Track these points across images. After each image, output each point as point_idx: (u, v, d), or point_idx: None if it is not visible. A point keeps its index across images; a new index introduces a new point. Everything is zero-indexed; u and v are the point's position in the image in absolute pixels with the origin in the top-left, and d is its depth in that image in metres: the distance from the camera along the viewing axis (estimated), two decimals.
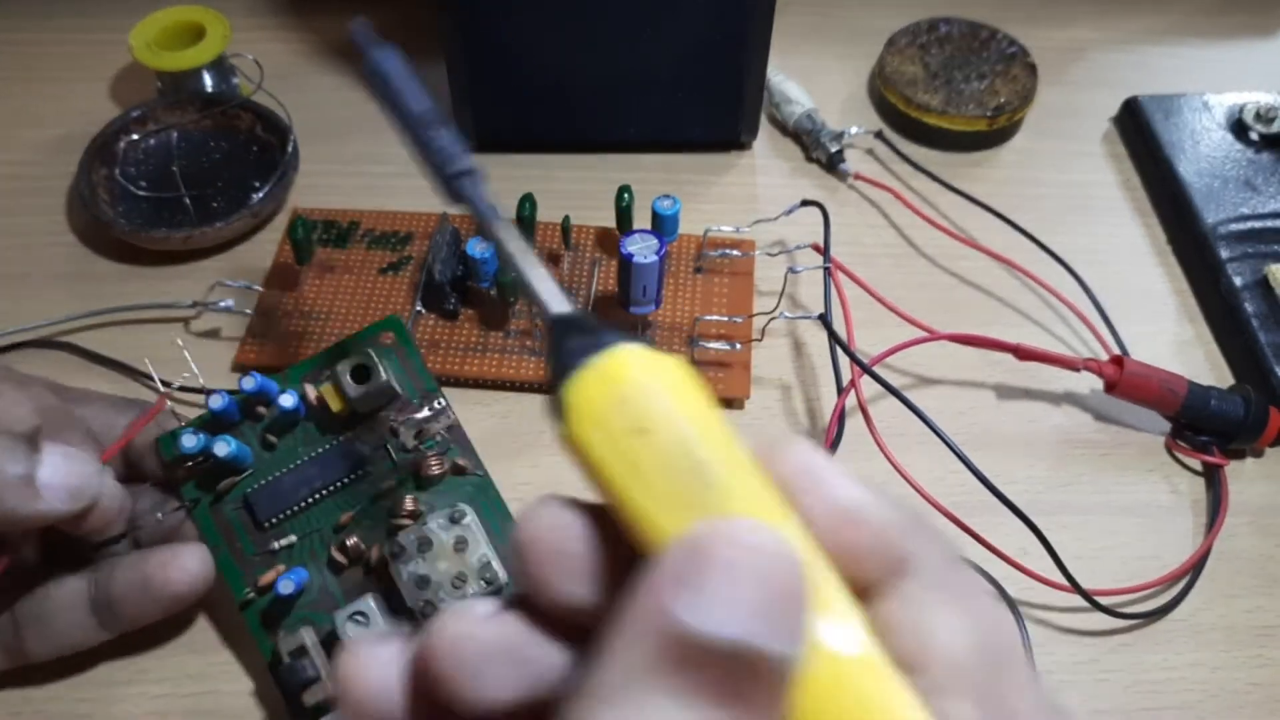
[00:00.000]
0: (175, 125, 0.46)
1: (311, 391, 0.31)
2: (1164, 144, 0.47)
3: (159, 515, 0.30)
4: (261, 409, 0.32)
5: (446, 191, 0.20)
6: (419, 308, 0.40)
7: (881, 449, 0.35)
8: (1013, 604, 0.34)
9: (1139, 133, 0.49)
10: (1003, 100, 0.48)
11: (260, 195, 0.43)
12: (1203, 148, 0.47)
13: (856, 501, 0.15)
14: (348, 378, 0.31)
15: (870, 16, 0.54)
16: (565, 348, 0.16)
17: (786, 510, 0.15)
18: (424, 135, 0.21)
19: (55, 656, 0.30)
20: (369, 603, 0.30)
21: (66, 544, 0.30)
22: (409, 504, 0.31)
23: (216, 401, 0.30)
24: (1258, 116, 0.47)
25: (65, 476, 0.27)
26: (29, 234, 0.44)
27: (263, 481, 0.31)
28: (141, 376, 0.39)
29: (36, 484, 0.26)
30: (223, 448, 0.30)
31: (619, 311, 0.39)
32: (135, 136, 0.45)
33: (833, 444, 0.34)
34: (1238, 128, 0.48)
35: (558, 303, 0.17)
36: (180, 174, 0.45)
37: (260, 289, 0.40)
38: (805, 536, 0.15)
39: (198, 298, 0.40)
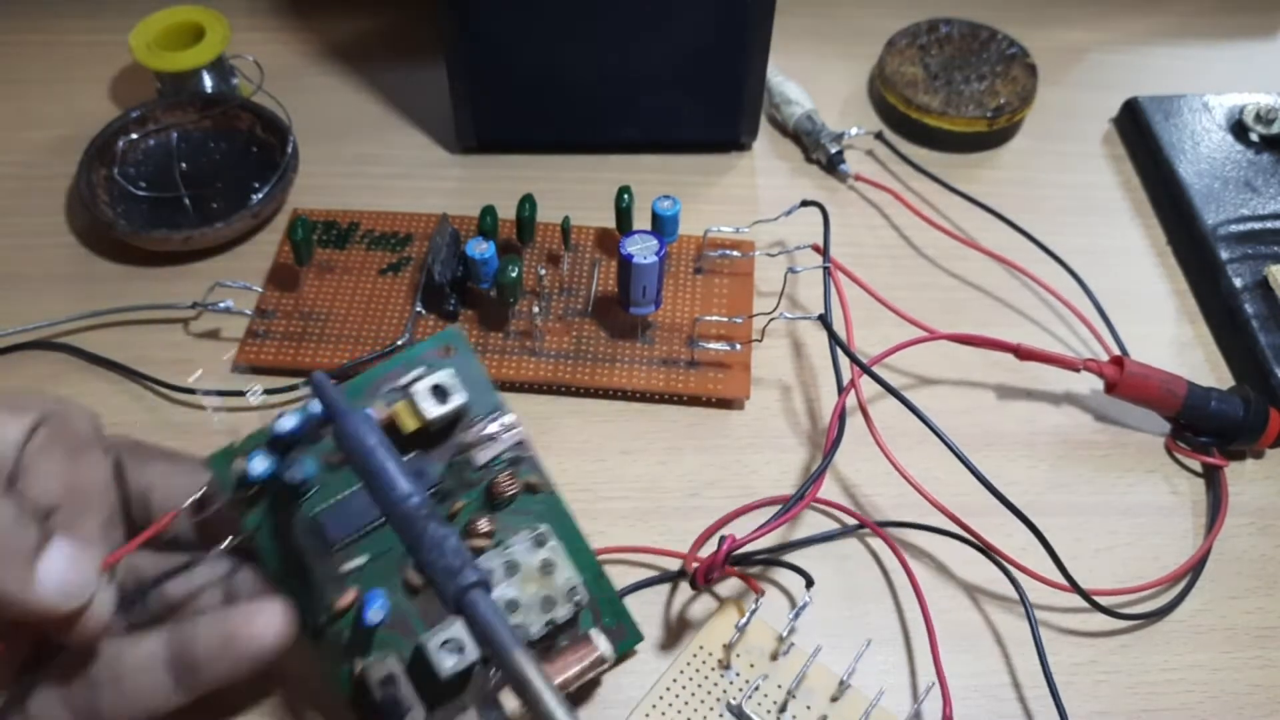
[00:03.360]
0: (175, 126, 0.46)
1: (382, 410, 0.30)
2: (1164, 145, 0.47)
3: (221, 547, 0.28)
4: (323, 429, 0.30)
5: (453, 607, 0.23)
6: (418, 309, 0.40)
7: (881, 449, 0.35)
8: (1025, 602, 0.34)
9: (1139, 134, 0.48)
10: (1003, 101, 0.48)
11: (260, 196, 0.43)
12: (1203, 149, 0.47)
13: None
14: (428, 398, 0.29)
15: (870, 17, 0.54)
16: None
17: None
18: (418, 536, 0.23)
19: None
20: (459, 628, 0.28)
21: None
22: (484, 525, 0.30)
23: (288, 422, 0.28)
24: (1258, 118, 0.47)
25: (63, 572, 0.25)
26: (29, 234, 0.44)
27: (330, 502, 0.29)
28: (140, 377, 0.39)
29: (35, 571, 0.25)
30: (298, 472, 0.28)
31: (619, 311, 0.39)
32: (135, 137, 0.45)
33: (833, 444, 0.34)
34: (1238, 129, 0.48)
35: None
36: (180, 174, 0.45)
37: (260, 290, 0.40)
38: None
39: (197, 298, 0.40)
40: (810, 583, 0.33)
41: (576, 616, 0.30)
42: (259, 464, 0.28)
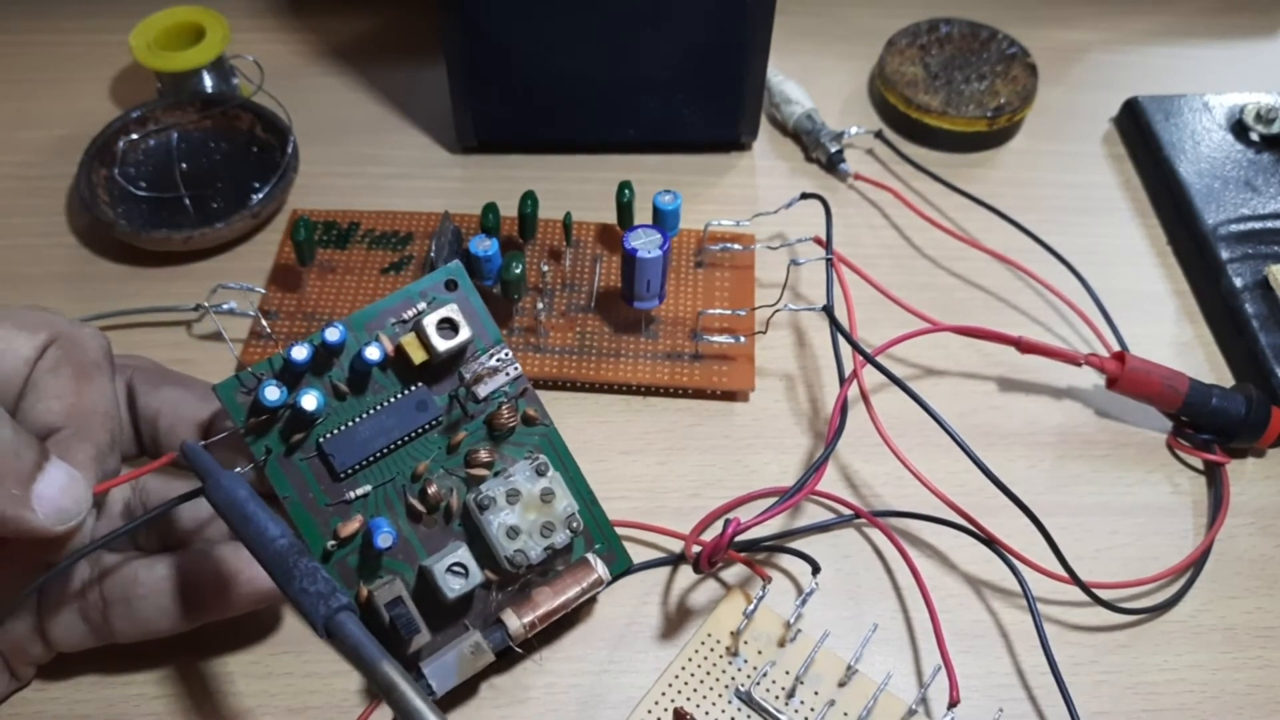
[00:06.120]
0: (175, 126, 0.46)
1: (388, 342, 0.30)
2: (1164, 144, 0.47)
3: (239, 471, 0.28)
4: (333, 358, 0.31)
5: (321, 631, 0.24)
6: None
7: (884, 439, 0.35)
8: (1028, 594, 0.34)
9: (1139, 133, 0.49)
10: (1003, 101, 0.48)
11: (260, 196, 0.43)
12: (1203, 148, 0.47)
13: None
14: (435, 331, 0.30)
15: (870, 16, 0.54)
16: None
17: None
18: (288, 571, 0.25)
19: (140, 639, 0.30)
20: (465, 553, 0.30)
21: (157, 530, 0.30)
22: (484, 455, 0.31)
23: (301, 352, 0.29)
24: (1258, 117, 0.47)
25: (59, 496, 0.26)
26: (29, 235, 0.44)
27: (337, 431, 0.30)
28: None
29: (31, 492, 0.26)
30: (311, 401, 0.29)
31: (623, 306, 0.39)
32: (135, 137, 0.45)
33: (835, 434, 0.34)
34: (1238, 128, 0.48)
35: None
36: (180, 174, 0.45)
37: (263, 291, 0.40)
38: None
39: (198, 299, 0.40)
40: (817, 569, 0.33)
41: (571, 543, 0.32)
42: (272, 392, 0.28)
